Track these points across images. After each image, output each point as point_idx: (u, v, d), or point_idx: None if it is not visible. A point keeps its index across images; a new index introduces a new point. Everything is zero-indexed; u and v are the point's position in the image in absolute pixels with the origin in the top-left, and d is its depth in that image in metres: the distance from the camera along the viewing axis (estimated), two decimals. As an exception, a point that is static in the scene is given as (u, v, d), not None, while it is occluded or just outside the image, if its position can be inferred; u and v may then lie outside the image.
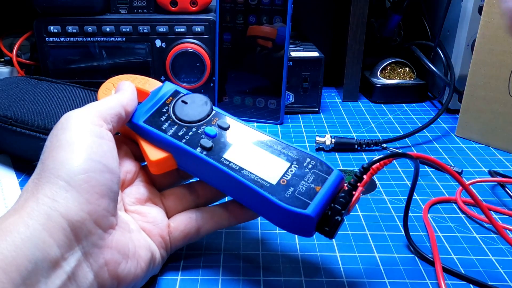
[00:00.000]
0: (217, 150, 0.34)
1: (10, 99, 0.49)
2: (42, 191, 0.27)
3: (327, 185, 0.32)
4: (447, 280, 0.35)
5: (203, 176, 0.35)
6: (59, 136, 0.30)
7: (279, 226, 0.32)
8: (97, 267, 0.28)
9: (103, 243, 0.28)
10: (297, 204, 0.30)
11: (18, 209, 0.27)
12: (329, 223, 0.31)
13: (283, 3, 0.57)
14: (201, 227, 0.35)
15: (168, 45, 0.63)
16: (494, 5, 0.53)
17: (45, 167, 0.28)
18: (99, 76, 0.64)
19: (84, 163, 0.28)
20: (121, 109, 0.34)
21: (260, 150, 0.34)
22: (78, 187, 0.27)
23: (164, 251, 0.34)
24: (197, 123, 0.36)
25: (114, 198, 0.30)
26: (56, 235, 0.26)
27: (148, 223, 0.34)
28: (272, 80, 0.61)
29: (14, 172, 0.49)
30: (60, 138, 0.30)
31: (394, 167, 0.51)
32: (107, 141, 0.31)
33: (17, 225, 0.25)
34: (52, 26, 0.61)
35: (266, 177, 0.32)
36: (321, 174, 0.32)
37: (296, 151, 0.34)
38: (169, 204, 0.36)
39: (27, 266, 0.24)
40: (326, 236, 0.31)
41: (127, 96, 0.35)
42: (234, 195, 0.34)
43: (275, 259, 0.37)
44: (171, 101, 0.37)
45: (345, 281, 0.35)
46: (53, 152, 0.29)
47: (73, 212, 0.27)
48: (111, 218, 0.29)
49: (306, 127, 0.62)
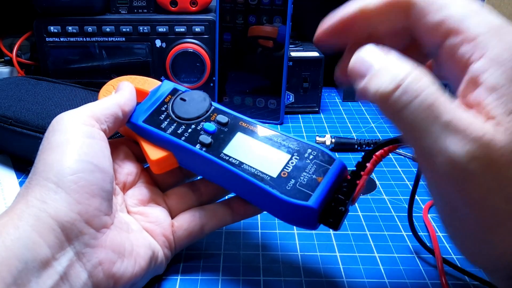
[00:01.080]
0: (216, 146, 0.34)
1: (10, 99, 0.49)
2: (32, 194, 0.27)
3: (329, 175, 0.31)
4: (449, 280, 0.35)
5: (204, 173, 0.35)
6: (50, 139, 0.30)
7: (282, 220, 0.32)
8: (90, 267, 0.28)
9: (96, 243, 0.28)
10: (299, 196, 0.30)
11: (9, 212, 0.27)
12: (333, 214, 0.30)
13: (283, 3, 0.57)
14: (205, 225, 0.35)
15: (168, 45, 0.63)
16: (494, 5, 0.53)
17: (35, 170, 0.29)
18: (99, 76, 0.64)
19: (73, 164, 0.28)
20: (118, 109, 0.34)
21: (260, 143, 0.34)
22: (67, 188, 0.28)
23: (168, 250, 0.34)
24: (196, 119, 0.35)
25: (107, 197, 0.30)
26: (46, 235, 0.26)
27: (150, 223, 0.34)
28: (272, 80, 0.61)
29: (14, 172, 0.49)
30: (51, 140, 0.30)
31: (394, 167, 0.51)
32: (98, 140, 0.31)
33: (6, 227, 0.26)
34: (52, 26, 0.61)
35: (266, 170, 0.32)
36: (323, 164, 0.32)
37: (296, 143, 0.34)
38: (172, 204, 0.36)
39: (17, 265, 0.24)
40: (330, 227, 0.30)
41: (124, 96, 0.35)
42: (236, 191, 0.34)
43: (275, 259, 0.37)
44: (170, 99, 0.37)
45: (345, 281, 0.35)
46: (43, 154, 0.29)
47: (62, 213, 0.27)
48: (104, 217, 0.29)
49: (306, 127, 0.62)
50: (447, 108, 0.22)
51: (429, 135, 0.22)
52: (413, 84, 0.22)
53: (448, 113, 0.22)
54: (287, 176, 0.32)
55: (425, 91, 0.22)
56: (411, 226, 0.37)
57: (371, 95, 0.24)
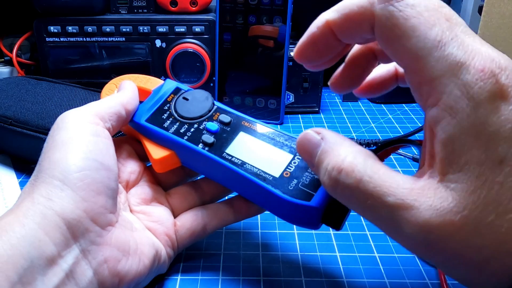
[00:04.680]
0: (219, 146, 0.34)
1: (10, 99, 0.49)
2: (38, 191, 0.27)
3: None
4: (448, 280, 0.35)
5: (207, 173, 0.35)
6: (55, 137, 0.30)
7: (285, 219, 0.32)
8: (96, 264, 0.28)
9: (102, 240, 0.28)
10: (301, 196, 0.30)
11: (14, 210, 0.27)
12: (335, 214, 0.30)
13: (283, 3, 0.57)
14: (207, 224, 0.35)
15: (168, 45, 0.63)
16: (494, 5, 0.53)
17: (41, 168, 0.29)
18: (99, 76, 0.64)
19: (79, 161, 0.29)
20: (121, 108, 0.34)
21: (262, 143, 0.34)
22: (73, 186, 0.28)
23: (171, 249, 0.34)
24: (198, 119, 0.35)
25: (112, 195, 0.30)
26: (52, 233, 0.26)
27: (153, 222, 0.34)
28: (272, 80, 0.61)
29: (14, 172, 0.49)
30: (55, 138, 0.30)
31: (394, 167, 0.51)
32: (103, 138, 0.31)
33: (12, 225, 0.26)
34: (52, 26, 0.61)
35: (269, 170, 0.32)
36: None
37: None
38: (174, 203, 0.36)
39: (23, 264, 0.24)
40: (333, 227, 0.30)
41: (127, 95, 0.35)
42: (238, 190, 0.34)
43: (275, 259, 0.37)
44: (172, 99, 0.37)
45: (345, 281, 0.35)
46: (48, 153, 0.29)
47: (68, 210, 0.27)
48: (109, 215, 0.29)
49: (306, 127, 0.62)
50: (388, 189, 0.22)
51: (382, 221, 0.23)
52: (348, 178, 0.23)
53: (391, 194, 0.22)
54: (290, 176, 0.32)
55: (360, 181, 0.23)
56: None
57: (323, 186, 0.25)
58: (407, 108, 0.69)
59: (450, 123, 0.21)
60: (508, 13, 0.55)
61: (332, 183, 0.24)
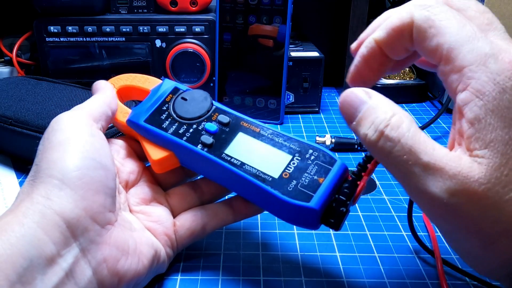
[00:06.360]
0: (218, 146, 0.34)
1: (10, 99, 0.49)
2: (37, 191, 0.27)
3: (330, 177, 0.31)
4: (448, 281, 0.35)
5: (206, 173, 0.35)
6: (50, 138, 0.30)
7: (284, 220, 0.32)
8: (95, 264, 0.28)
9: (101, 240, 0.28)
10: (300, 197, 0.30)
11: (13, 209, 0.27)
12: (334, 214, 0.30)
13: (283, 3, 0.57)
14: (206, 224, 0.35)
15: (168, 45, 0.63)
16: (494, 5, 0.53)
17: (39, 169, 0.29)
18: (99, 76, 0.64)
19: (77, 161, 0.29)
20: (108, 108, 0.34)
21: (261, 144, 0.34)
22: (72, 185, 0.28)
23: (170, 249, 0.34)
24: (197, 119, 0.35)
25: (111, 194, 0.30)
26: (51, 232, 0.26)
27: (153, 222, 0.34)
28: (272, 80, 0.61)
29: (14, 172, 0.49)
30: (52, 139, 0.30)
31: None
32: (98, 138, 0.31)
33: (11, 224, 0.26)
34: (52, 26, 0.61)
35: (268, 171, 0.32)
36: (324, 165, 0.32)
37: (298, 143, 0.34)
38: (173, 203, 0.36)
39: (22, 263, 0.24)
40: (332, 228, 0.31)
41: (108, 95, 0.35)
42: (238, 191, 0.34)
43: (275, 259, 0.37)
44: (171, 99, 0.37)
45: (345, 281, 0.35)
46: (45, 153, 0.29)
47: (68, 209, 0.27)
48: (108, 214, 0.29)
49: (306, 127, 0.62)
50: (425, 150, 0.24)
51: (412, 177, 0.24)
52: (393, 132, 0.25)
53: (426, 154, 0.24)
54: (289, 177, 0.32)
55: (403, 137, 0.24)
56: (410, 227, 0.37)
57: (361, 140, 0.26)
58: (407, 108, 0.69)
59: (477, 104, 0.23)
60: (508, 13, 0.55)
61: (377, 135, 0.25)
